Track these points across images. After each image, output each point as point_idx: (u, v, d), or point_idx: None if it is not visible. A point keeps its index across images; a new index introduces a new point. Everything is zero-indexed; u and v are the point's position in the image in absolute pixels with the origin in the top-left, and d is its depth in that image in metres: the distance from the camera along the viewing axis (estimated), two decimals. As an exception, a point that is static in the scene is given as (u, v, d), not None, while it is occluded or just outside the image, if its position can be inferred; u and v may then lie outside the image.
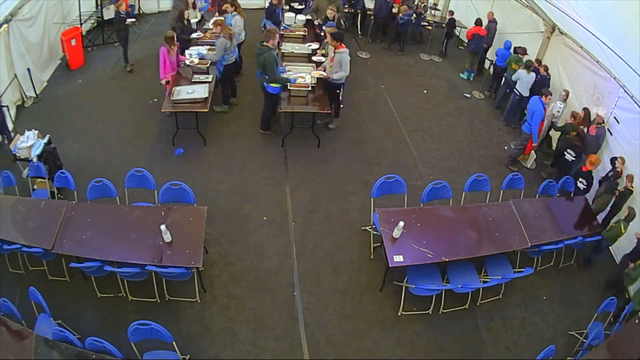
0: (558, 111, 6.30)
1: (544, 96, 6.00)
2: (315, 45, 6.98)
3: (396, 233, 4.24)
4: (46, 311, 3.63)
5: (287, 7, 8.24)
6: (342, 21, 7.48)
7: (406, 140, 6.74)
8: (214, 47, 6.25)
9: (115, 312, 4.14)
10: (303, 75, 6.05)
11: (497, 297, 4.63)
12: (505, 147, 6.84)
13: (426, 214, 4.65)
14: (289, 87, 5.89)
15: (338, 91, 6.24)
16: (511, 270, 4.48)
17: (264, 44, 5.53)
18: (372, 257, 4.90)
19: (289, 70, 6.17)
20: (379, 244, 4.80)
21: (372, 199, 4.89)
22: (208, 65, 6.33)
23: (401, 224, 4.20)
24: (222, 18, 6.37)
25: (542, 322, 4.57)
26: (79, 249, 3.93)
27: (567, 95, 6.33)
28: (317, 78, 6.12)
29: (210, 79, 6.20)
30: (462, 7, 9.49)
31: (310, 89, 5.97)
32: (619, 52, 4.78)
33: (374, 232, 4.90)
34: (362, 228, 5.17)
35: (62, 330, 3.34)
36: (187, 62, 6.19)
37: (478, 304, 4.55)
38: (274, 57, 5.57)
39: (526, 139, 6.20)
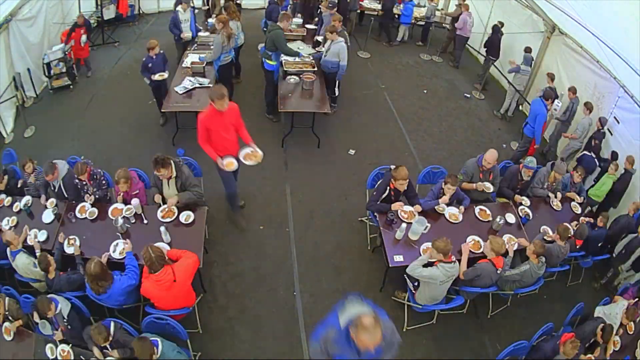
0: (555, 109, 6.27)
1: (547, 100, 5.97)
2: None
3: (399, 235, 4.24)
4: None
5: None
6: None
7: (406, 140, 6.74)
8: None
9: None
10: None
11: (497, 297, 4.63)
12: (504, 145, 6.84)
13: (427, 214, 4.64)
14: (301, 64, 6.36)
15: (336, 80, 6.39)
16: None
17: (277, 24, 5.94)
18: (369, 247, 4.92)
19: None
20: (376, 235, 4.83)
21: (367, 190, 4.95)
22: (204, 65, 6.33)
23: (403, 225, 4.20)
24: (226, 16, 6.36)
25: (542, 322, 4.55)
26: (79, 248, 3.92)
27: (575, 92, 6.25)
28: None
29: (208, 82, 6.14)
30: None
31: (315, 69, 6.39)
32: (619, 52, 4.78)
33: (370, 223, 4.94)
34: (359, 219, 5.22)
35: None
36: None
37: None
38: (282, 34, 5.90)
39: (529, 142, 6.17)
